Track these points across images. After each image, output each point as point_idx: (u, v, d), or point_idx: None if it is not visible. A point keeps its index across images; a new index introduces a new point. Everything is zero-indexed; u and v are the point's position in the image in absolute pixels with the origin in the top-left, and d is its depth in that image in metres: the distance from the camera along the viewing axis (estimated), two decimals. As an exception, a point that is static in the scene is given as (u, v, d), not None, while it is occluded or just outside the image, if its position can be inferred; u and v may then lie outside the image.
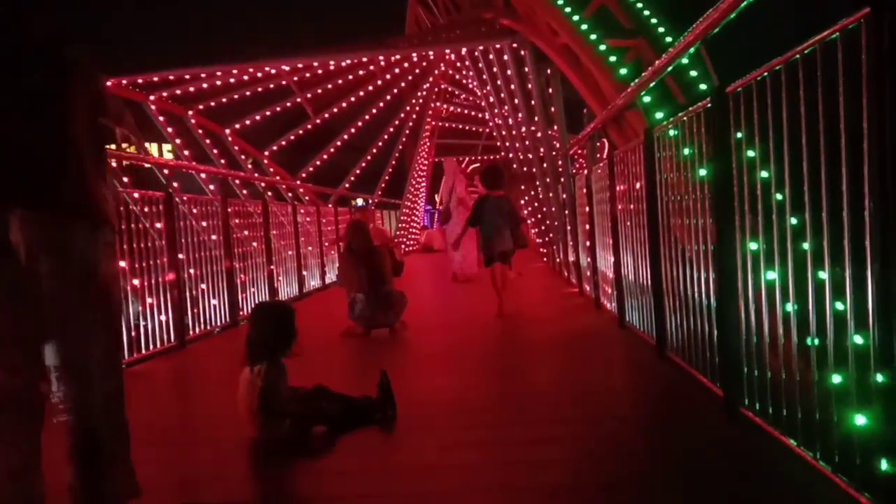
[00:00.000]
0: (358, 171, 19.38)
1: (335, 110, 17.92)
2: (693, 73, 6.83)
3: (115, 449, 2.22)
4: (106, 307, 2.21)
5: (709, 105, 3.01)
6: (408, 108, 20.41)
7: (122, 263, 5.05)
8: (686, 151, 3.48)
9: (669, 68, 3.97)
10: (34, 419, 2.02)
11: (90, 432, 2.15)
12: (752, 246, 2.76)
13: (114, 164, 13.10)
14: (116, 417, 2.25)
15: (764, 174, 2.66)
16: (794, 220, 2.44)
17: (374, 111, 18.75)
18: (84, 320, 2.13)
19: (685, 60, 6.29)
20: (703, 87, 6.55)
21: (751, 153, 2.77)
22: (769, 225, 2.58)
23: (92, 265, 2.14)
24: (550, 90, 11.93)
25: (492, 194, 6.83)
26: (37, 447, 2.02)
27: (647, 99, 6.52)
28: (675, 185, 3.78)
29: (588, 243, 6.96)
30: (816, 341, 2.30)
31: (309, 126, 17.72)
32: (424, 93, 20.65)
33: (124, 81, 14.11)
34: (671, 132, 3.76)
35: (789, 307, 2.48)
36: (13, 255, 2.02)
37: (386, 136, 20.16)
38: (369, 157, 19.84)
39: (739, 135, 2.82)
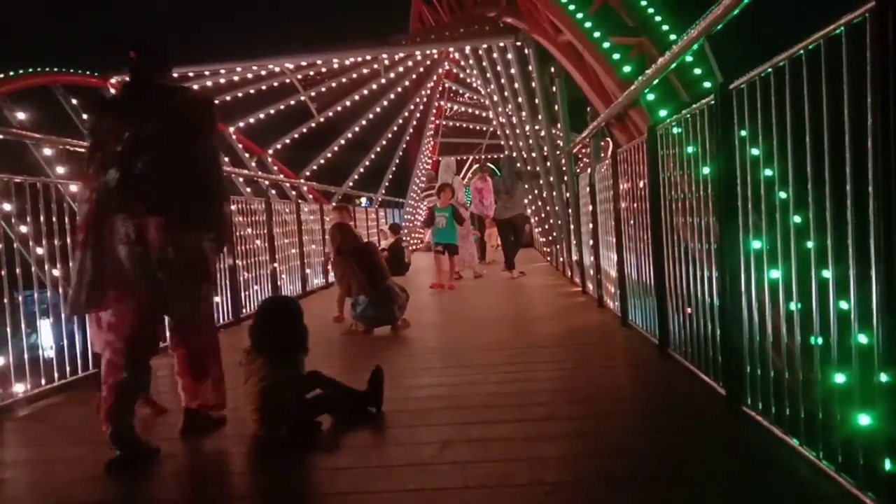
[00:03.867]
0: (361, 170, 19.37)
1: (339, 108, 17.92)
2: (697, 71, 6.78)
3: (209, 373, 3.22)
4: (204, 287, 3.19)
5: (712, 102, 2.99)
6: (412, 106, 20.38)
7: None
8: (689, 149, 3.46)
9: (673, 65, 3.95)
10: (154, 352, 3.17)
11: (192, 361, 3.19)
12: (756, 244, 2.74)
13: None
14: (209, 356, 3.23)
15: (767, 172, 2.64)
16: (797, 219, 2.42)
17: (377, 109, 18.74)
18: (188, 293, 3.12)
19: (689, 58, 6.25)
20: (706, 84, 6.50)
21: (754, 151, 2.75)
22: (772, 223, 2.56)
23: (197, 259, 3.09)
24: (554, 88, 11.90)
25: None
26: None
27: (650, 97, 6.48)
28: (678, 183, 3.76)
29: (591, 242, 6.94)
30: (820, 340, 2.28)
31: (313, 124, 17.73)
32: (428, 91, 20.62)
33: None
34: (674, 130, 3.73)
35: (792, 306, 2.46)
36: (147, 247, 2.98)
37: (390, 135, 20.14)
38: (373, 156, 19.82)
39: (743, 132, 2.80)
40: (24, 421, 3.75)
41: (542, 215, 12.38)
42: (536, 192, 12.40)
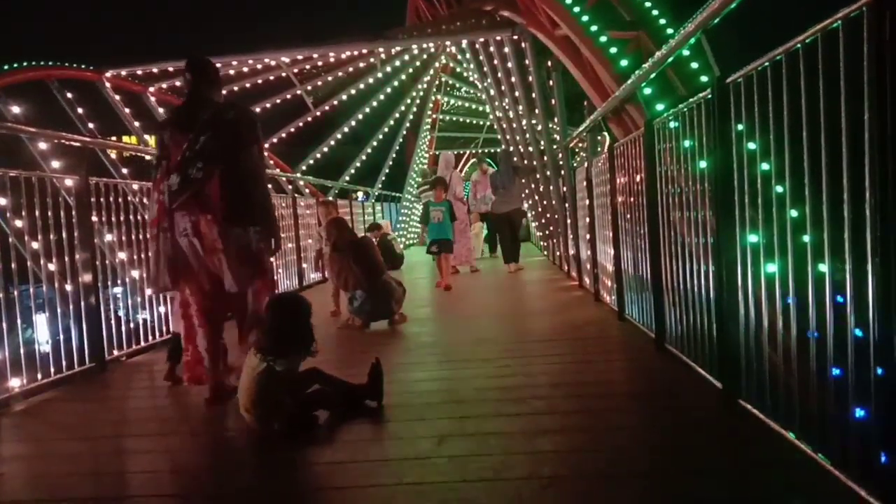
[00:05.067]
0: (358, 164, 19.34)
1: (335, 103, 17.86)
2: (694, 65, 6.78)
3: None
4: (257, 267, 3.74)
5: (709, 96, 2.99)
6: (408, 100, 20.34)
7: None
8: (686, 143, 3.46)
9: (670, 59, 3.95)
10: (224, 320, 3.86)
11: (242, 331, 3.72)
12: (752, 238, 2.75)
13: (113, 156, 13.07)
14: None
15: (764, 166, 2.64)
16: (794, 213, 2.42)
17: (374, 104, 18.69)
18: (244, 272, 3.67)
19: (686, 52, 6.26)
20: (704, 78, 6.50)
21: (751, 145, 2.75)
22: (769, 217, 2.57)
23: (251, 245, 3.69)
24: (551, 82, 11.88)
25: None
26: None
27: (647, 91, 6.48)
28: (675, 178, 3.76)
29: (588, 236, 6.94)
30: (816, 334, 2.29)
31: (309, 118, 17.67)
32: (425, 85, 20.57)
33: (123, 73, 14.06)
34: (671, 124, 3.73)
35: (789, 300, 2.47)
36: (202, 240, 3.61)
37: (386, 129, 20.10)
38: (369, 150, 19.78)
39: (740, 126, 2.80)
40: (20, 416, 3.75)
41: (539, 210, 12.38)
42: (533, 186, 12.40)
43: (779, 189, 2.51)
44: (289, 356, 3.20)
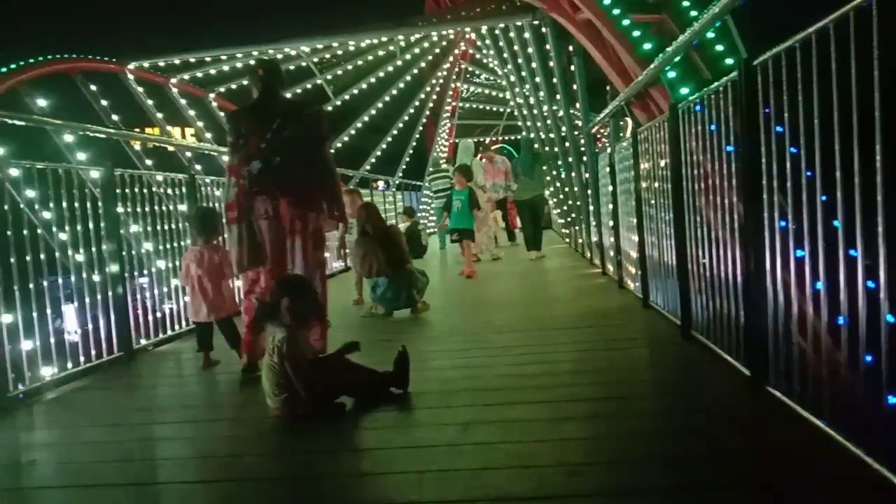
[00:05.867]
0: (378, 153, 19.34)
1: (355, 91, 17.84)
2: (719, 47, 6.64)
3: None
4: (320, 249, 4.17)
5: (736, 78, 2.93)
6: (428, 88, 20.27)
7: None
8: (713, 127, 3.40)
9: (695, 41, 3.87)
10: None
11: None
12: (781, 223, 2.70)
13: (138, 147, 13.22)
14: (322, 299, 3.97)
15: (793, 150, 2.58)
16: (824, 198, 2.37)
17: (394, 92, 18.64)
18: (309, 253, 4.04)
19: (711, 34, 6.14)
20: (729, 61, 6.37)
21: (780, 128, 2.70)
22: (798, 202, 2.51)
23: (317, 230, 4.10)
24: (572, 67, 11.73)
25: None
26: None
27: (671, 74, 6.37)
28: (701, 162, 3.70)
29: (611, 223, 6.88)
30: (847, 320, 2.24)
31: (329, 108, 17.68)
32: (445, 73, 20.48)
33: (146, 64, 14.18)
34: (697, 108, 3.67)
35: (819, 285, 2.42)
36: (280, 221, 3.99)
37: (406, 117, 20.06)
38: (390, 139, 19.77)
39: (768, 109, 2.74)
40: (51, 404, 3.82)
41: (561, 196, 12.29)
42: (555, 173, 12.30)
43: (808, 173, 2.46)
44: (288, 331, 3.20)
